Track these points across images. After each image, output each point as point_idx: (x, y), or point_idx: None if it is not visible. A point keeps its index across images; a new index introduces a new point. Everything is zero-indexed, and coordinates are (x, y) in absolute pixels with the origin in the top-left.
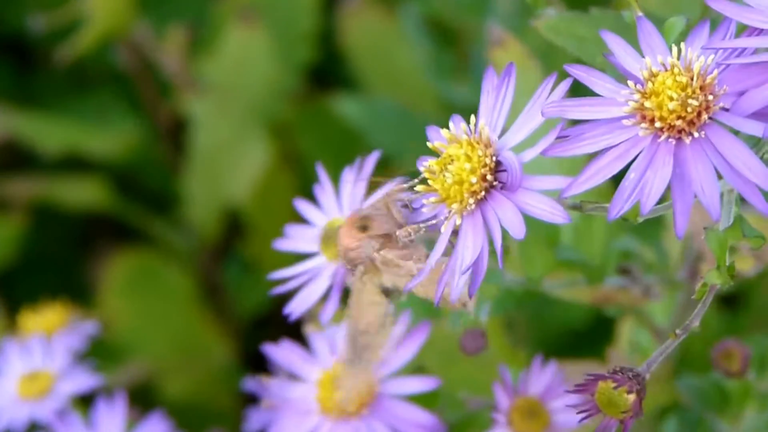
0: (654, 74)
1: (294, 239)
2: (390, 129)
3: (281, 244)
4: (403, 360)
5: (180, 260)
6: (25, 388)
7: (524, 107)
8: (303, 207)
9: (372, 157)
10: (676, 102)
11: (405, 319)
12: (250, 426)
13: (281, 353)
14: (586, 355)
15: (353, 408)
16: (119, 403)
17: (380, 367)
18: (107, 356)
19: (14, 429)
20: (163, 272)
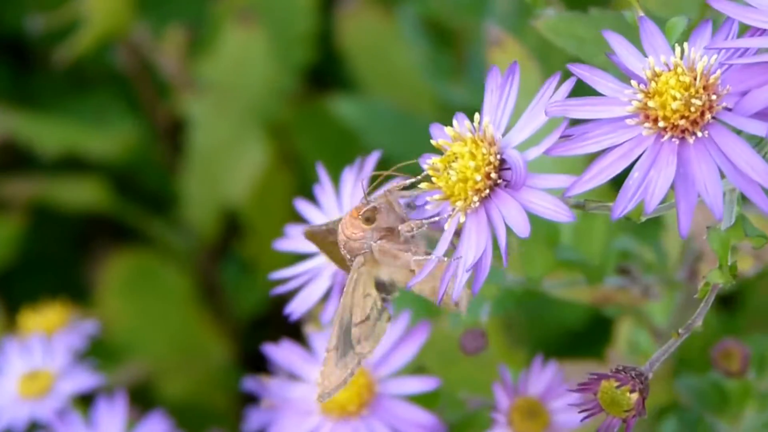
0: (657, 74)
1: (294, 239)
2: (387, 130)
3: (281, 244)
4: (404, 360)
5: (178, 260)
6: (26, 388)
7: (523, 107)
8: (303, 207)
9: (372, 157)
10: (680, 102)
11: (405, 319)
12: (250, 426)
13: (281, 353)
14: (584, 356)
15: (351, 407)
16: (119, 403)
17: (380, 367)
18: (105, 356)
19: (15, 428)
20: (162, 272)
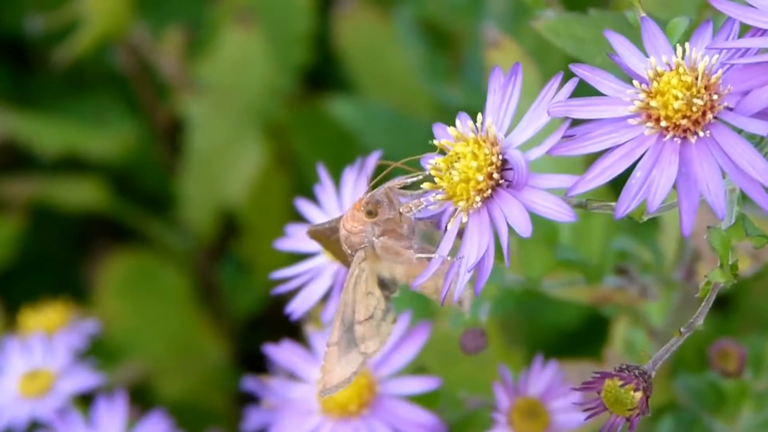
0: (659, 74)
1: (295, 238)
2: (384, 131)
3: (282, 244)
4: (404, 360)
5: (176, 261)
6: (26, 387)
7: (522, 108)
8: (304, 206)
9: (373, 157)
10: (682, 101)
11: (405, 319)
12: (249, 426)
13: (282, 353)
14: (578, 356)
15: (352, 407)
16: (119, 402)
17: (380, 367)
18: (104, 356)
19: (15, 427)
20: (160, 272)
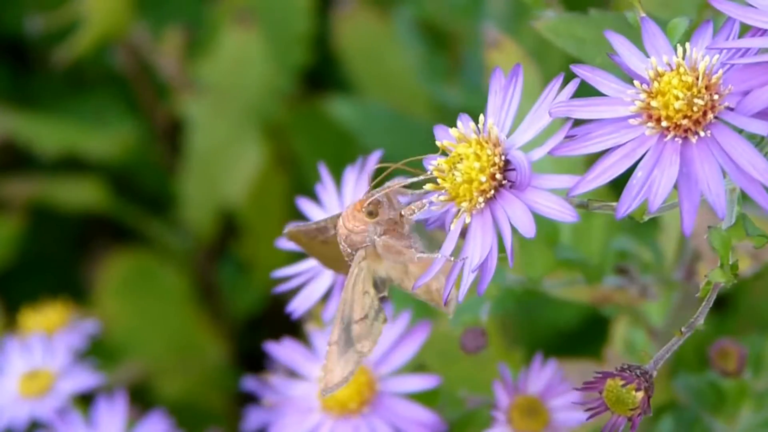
0: (660, 74)
1: None
2: (383, 131)
3: (283, 243)
4: (404, 358)
5: (176, 261)
6: (26, 387)
7: (523, 108)
8: (305, 205)
9: (374, 157)
10: (682, 101)
11: (405, 318)
12: (249, 425)
13: (283, 351)
14: (579, 356)
15: (352, 405)
16: (119, 402)
17: (381, 365)
18: (104, 356)
19: (15, 427)
20: (159, 273)
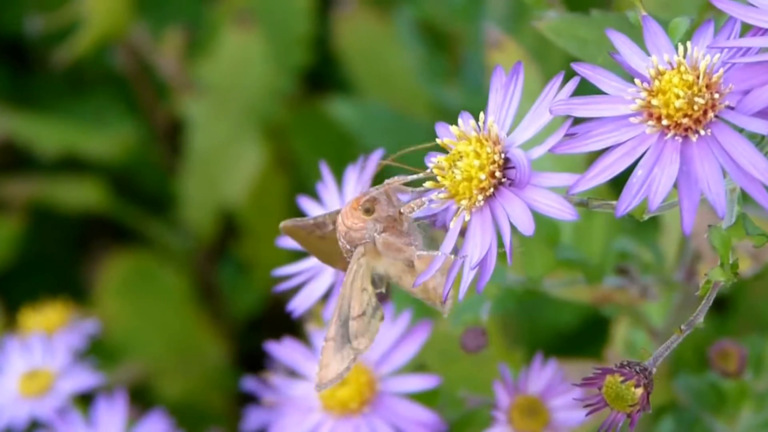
0: (660, 72)
1: None
2: (383, 132)
3: (284, 242)
4: (405, 358)
5: (176, 261)
6: (26, 386)
7: (524, 108)
8: (305, 204)
9: (375, 156)
10: (683, 100)
11: (406, 318)
12: (249, 425)
13: (283, 351)
14: (579, 357)
15: (353, 404)
16: (119, 402)
17: (381, 365)
18: (104, 356)
19: (15, 427)
20: (159, 273)
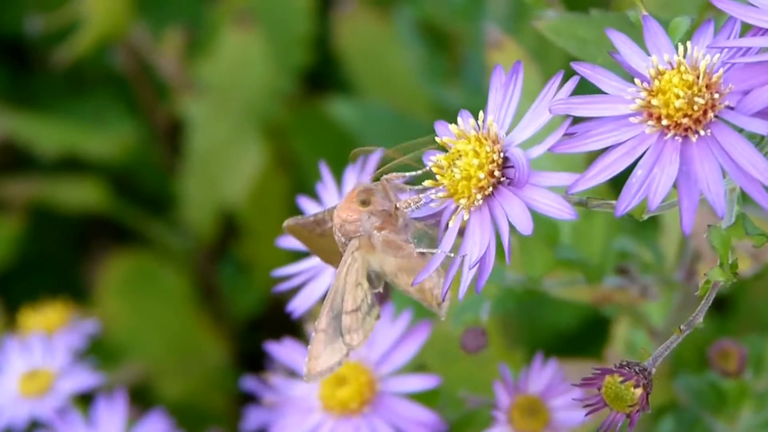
0: (660, 72)
1: None
2: (383, 132)
3: (284, 242)
4: (405, 358)
5: (176, 261)
6: (26, 386)
7: (523, 108)
8: (305, 204)
9: (374, 156)
10: (683, 100)
11: (406, 318)
12: (249, 425)
13: (283, 351)
14: (580, 357)
15: (353, 404)
16: (119, 402)
17: (381, 365)
18: (104, 356)
19: (15, 427)
20: (160, 273)
